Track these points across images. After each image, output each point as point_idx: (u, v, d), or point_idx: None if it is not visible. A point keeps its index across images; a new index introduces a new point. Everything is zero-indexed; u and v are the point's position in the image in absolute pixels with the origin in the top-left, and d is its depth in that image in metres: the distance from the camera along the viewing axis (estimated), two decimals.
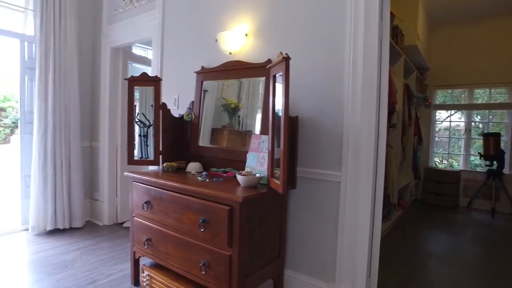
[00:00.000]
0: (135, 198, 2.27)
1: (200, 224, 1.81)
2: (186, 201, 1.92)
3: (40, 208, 3.33)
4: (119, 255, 2.91)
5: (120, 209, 3.80)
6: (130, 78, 2.44)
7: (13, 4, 3.42)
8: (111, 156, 3.71)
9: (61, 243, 3.15)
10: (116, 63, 3.71)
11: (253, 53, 2.39)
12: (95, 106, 3.84)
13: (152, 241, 2.17)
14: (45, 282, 2.42)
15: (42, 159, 3.30)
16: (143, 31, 3.27)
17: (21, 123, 3.48)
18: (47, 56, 3.31)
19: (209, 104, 2.60)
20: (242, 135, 2.41)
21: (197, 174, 2.25)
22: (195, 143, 2.56)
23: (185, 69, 2.83)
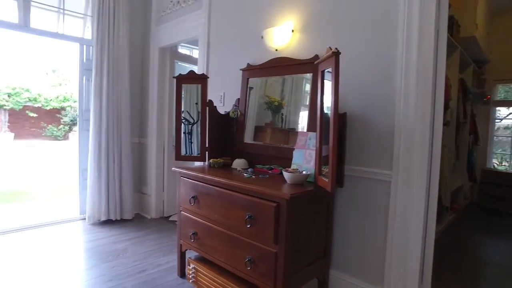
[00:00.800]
0: (183, 193, 2.34)
1: (246, 220, 1.82)
2: (233, 197, 1.94)
3: (95, 200, 3.56)
4: (166, 247, 3.02)
5: (167, 203, 3.95)
6: (178, 76, 2.52)
7: (74, 12, 3.70)
8: (158, 152, 3.87)
9: (113, 233, 3.35)
10: (164, 62, 3.85)
11: (299, 49, 2.35)
12: (144, 104, 4.02)
13: (198, 235, 2.23)
14: (101, 268, 2.58)
15: (97, 154, 3.53)
16: (189, 30, 3.36)
17: (79, 120, 3.74)
18: (102, 58, 3.53)
19: (253, 101, 2.61)
20: (285, 133, 2.40)
21: (243, 170, 2.27)
22: (240, 140, 2.58)
23: (231, 67, 2.87)
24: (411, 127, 1.83)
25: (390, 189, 1.92)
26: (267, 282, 1.77)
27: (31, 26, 3.32)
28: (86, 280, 2.40)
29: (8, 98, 13.48)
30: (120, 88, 3.63)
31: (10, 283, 2.32)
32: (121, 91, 3.64)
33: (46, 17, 3.57)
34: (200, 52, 3.18)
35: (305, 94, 2.35)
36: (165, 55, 3.86)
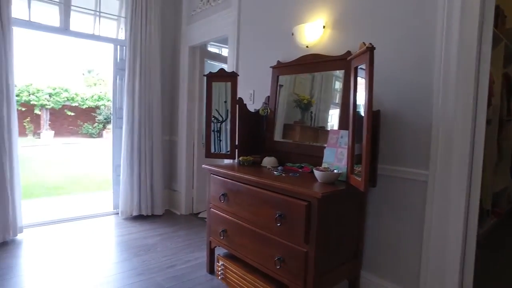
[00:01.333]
0: (212, 190, 2.35)
1: (276, 219, 1.80)
2: (263, 195, 1.93)
3: (127, 196, 3.67)
4: (195, 244, 3.06)
5: (196, 200, 4.01)
6: (209, 74, 2.53)
7: (109, 14, 3.83)
8: (188, 149, 3.93)
9: (144, 228, 3.44)
10: (194, 61, 3.91)
11: (331, 45, 2.30)
12: (174, 102, 4.10)
13: (228, 233, 2.23)
14: (133, 261, 2.66)
15: (129, 151, 3.64)
16: (219, 28, 3.38)
17: (113, 118, 3.87)
18: (134, 58, 3.63)
19: (283, 99, 2.59)
20: (314, 131, 2.37)
21: (273, 168, 2.25)
22: (270, 137, 2.57)
23: (260, 64, 2.85)
24: (450, 125, 1.73)
25: (427, 190, 1.83)
26: (297, 282, 1.74)
27: (70, 29, 3.47)
28: (119, 273, 2.47)
29: (49, 98, 14.25)
30: (152, 87, 3.72)
31: (50, 271, 2.44)
32: (153, 90, 3.73)
33: (84, 20, 3.73)
34: (230, 50, 3.20)
35: (334, 91, 2.30)
36: (195, 54, 3.91)
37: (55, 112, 14.70)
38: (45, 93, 14.18)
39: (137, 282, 2.34)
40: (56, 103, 14.44)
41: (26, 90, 13.64)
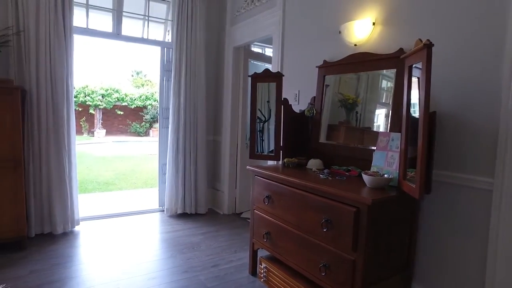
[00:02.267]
0: (256, 192, 2.34)
1: (322, 224, 1.75)
2: (308, 199, 1.88)
3: (172, 194, 3.79)
4: (238, 244, 3.08)
5: (239, 200, 4.04)
6: (254, 75, 2.53)
7: (157, 17, 3.98)
8: (232, 149, 3.97)
9: (188, 226, 3.52)
10: (238, 61, 3.93)
11: (381, 43, 2.18)
12: (219, 103, 4.16)
13: (271, 235, 2.21)
14: (178, 259, 2.73)
15: (175, 150, 3.75)
16: (263, 28, 3.36)
17: (160, 118, 4.01)
18: (180, 59, 3.73)
19: (327, 99, 2.51)
20: (360, 132, 2.28)
21: (318, 171, 2.19)
22: (315, 139, 2.50)
23: (306, 64, 2.79)
24: None
25: (492, 199, 1.66)
26: None
27: (122, 34, 3.65)
28: (165, 269, 2.55)
29: (102, 99, 15.20)
30: (197, 87, 3.80)
31: (103, 262, 2.58)
32: (198, 90, 3.81)
33: (134, 25, 3.91)
34: (274, 50, 3.17)
35: (381, 91, 2.20)
36: (239, 54, 3.93)
37: (107, 111, 15.65)
38: (99, 94, 15.14)
39: (182, 280, 2.39)
40: (108, 103, 15.36)
41: (82, 91, 14.66)
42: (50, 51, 3.01)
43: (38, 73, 2.97)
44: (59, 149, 3.09)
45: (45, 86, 2.99)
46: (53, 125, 3.06)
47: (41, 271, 2.45)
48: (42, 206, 3.07)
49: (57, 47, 3.04)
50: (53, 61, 3.03)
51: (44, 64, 2.99)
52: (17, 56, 2.94)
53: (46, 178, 3.06)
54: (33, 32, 2.94)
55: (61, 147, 3.10)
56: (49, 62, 3.02)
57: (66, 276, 2.40)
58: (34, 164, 3.00)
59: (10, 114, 2.65)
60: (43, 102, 2.99)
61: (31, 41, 2.94)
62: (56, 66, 3.05)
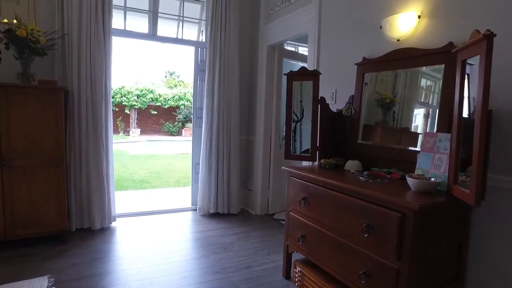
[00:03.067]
0: (292, 193, 2.28)
1: (363, 229, 1.65)
2: (348, 202, 1.79)
3: (205, 193, 3.80)
4: (270, 246, 3.02)
5: (272, 201, 3.98)
6: (290, 73, 2.46)
7: (191, 17, 4.01)
8: (265, 149, 3.92)
9: (220, 226, 3.52)
10: (272, 60, 3.88)
11: (427, 37, 2.04)
12: (252, 102, 4.12)
13: (307, 239, 2.13)
14: (210, 258, 2.72)
15: (208, 149, 3.76)
16: (298, 26, 3.29)
17: (193, 118, 4.05)
18: (214, 59, 3.74)
19: (366, 98, 2.41)
20: (397, 133, 2.18)
21: (357, 173, 2.09)
22: (354, 139, 2.40)
23: (343, 62, 2.69)
24: None
25: None
26: None
27: (158, 35, 3.72)
28: (198, 269, 2.55)
29: (137, 99, 15.72)
30: (230, 86, 3.80)
31: (138, 258, 2.62)
32: (231, 89, 3.80)
33: (169, 26, 3.97)
34: (310, 47, 3.08)
35: (420, 90, 2.08)
36: (273, 53, 3.88)
37: (141, 111, 16.16)
38: (134, 94, 15.67)
39: (214, 280, 2.38)
40: (142, 104, 15.86)
41: (119, 92, 15.24)
42: (91, 53, 3.12)
43: (79, 74, 3.09)
44: (98, 147, 3.19)
45: (85, 86, 3.10)
46: (92, 124, 3.16)
47: (81, 265, 2.53)
48: (82, 202, 3.18)
49: (97, 49, 3.14)
50: (93, 63, 3.13)
51: (85, 66, 3.09)
52: (61, 58, 3.06)
53: (86, 175, 3.17)
54: (75, 35, 3.06)
55: (99, 146, 3.20)
56: (89, 64, 3.12)
57: (104, 271, 2.46)
58: (74, 161, 3.12)
59: (54, 113, 2.76)
60: (84, 102, 3.10)
61: (74, 44, 3.05)
62: (96, 67, 3.15)
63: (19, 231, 2.73)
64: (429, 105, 2.03)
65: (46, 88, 2.75)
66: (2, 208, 2.66)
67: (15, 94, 2.65)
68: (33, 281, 2.27)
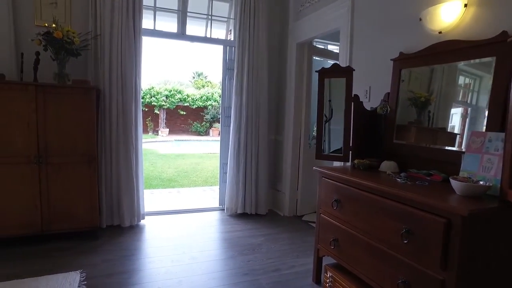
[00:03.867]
0: (323, 195, 2.18)
1: (402, 234, 1.54)
2: (385, 205, 1.67)
3: (233, 193, 3.77)
4: (299, 248, 2.94)
5: (300, 202, 3.89)
6: (321, 70, 2.37)
7: (220, 16, 4.00)
8: (294, 149, 3.83)
9: (248, 226, 3.47)
10: (301, 57, 3.78)
11: (475, 28, 1.88)
12: (281, 101, 4.04)
13: (339, 243, 2.03)
14: (238, 260, 2.67)
15: (236, 149, 3.72)
16: (329, 22, 3.18)
17: (221, 117, 4.03)
18: (243, 57, 3.70)
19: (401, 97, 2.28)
20: (433, 133, 2.07)
21: (394, 174, 1.96)
22: (389, 139, 2.27)
23: (378, 58, 2.56)
24: None
25: None
26: None
27: (186, 34, 3.73)
28: (226, 270, 2.51)
29: (166, 100, 16.07)
30: (259, 85, 3.74)
31: (166, 257, 2.62)
32: (260, 88, 3.75)
33: (197, 25, 3.98)
34: (342, 44, 2.96)
35: (458, 87, 1.96)
36: (303, 50, 3.78)
37: (170, 111, 16.49)
38: (163, 95, 16.02)
39: (243, 283, 2.33)
40: (171, 104, 16.18)
41: (148, 93, 15.63)
42: (121, 53, 3.17)
43: (110, 74, 3.14)
44: (127, 146, 3.24)
45: (116, 86, 3.15)
46: (122, 123, 3.21)
47: (111, 261, 2.56)
48: (112, 199, 3.24)
49: (127, 49, 3.18)
50: (123, 63, 3.18)
51: (116, 65, 3.15)
52: (94, 58, 3.13)
53: (116, 173, 3.22)
54: (107, 35, 3.11)
55: (129, 144, 3.24)
56: (120, 64, 3.17)
57: (133, 268, 2.48)
58: (105, 159, 3.18)
59: (87, 112, 2.82)
60: (114, 101, 3.15)
61: (105, 44, 3.11)
62: (126, 67, 3.19)
63: (54, 226, 2.81)
64: (468, 103, 1.92)
65: (79, 88, 2.81)
66: (40, 204, 2.75)
67: (52, 93, 2.73)
68: (66, 275, 2.32)
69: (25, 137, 2.67)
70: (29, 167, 2.69)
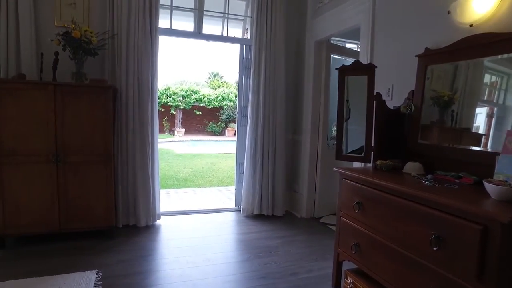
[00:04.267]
0: (344, 197, 2.09)
1: (431, 241, 1.43)
2: (411, 209, 1.57)
3: (249, 193, 3.71)
4: (317, 252, 2.85)
5: (318, 204, 3.79)
6: (342, 67, 2.28)
7: (236, 14, 3.95)
8: (312, 149, 3.74)
9: (265, 228, 3.40)
10: (320, 55, 3.69)
11: (510, 19, 1.75)
12: (299, 100, 3.95)
13: (361, 247, 1.94)
14: (255, 262, 2.61)
15: (253, 148, 3.66)
16: (349, 18, 3.08)
17: (238, 116, 3.98)
18: (260, 55, 3.63)
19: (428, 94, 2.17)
20: (456, 134, 1.99)
21: (419, 176, 1.86)
22: (413, 139, 2.16)
23: (401, 55, 2.45)
24: None
25: None
26: None
27: (203, 33, 3.70)
28: (241, 273, 2.45)
29: (182, 100, 16.19)
30: (276, 84, 3.67)
31: (181, 258, 2.58)
32: (277, 87, 3.68)
33: (213, 24, 3.94)
34: (363, 40, 2.86)
35: (484, 85, 1.86)
36: (321, 48, 3.69)
37: (186, 112, 16.60)
38: (179, 95, 16.15)
39: (258, 286, 2.27)
40: (187, 104, 16.29)
41: (165, 93, 15.78)
42: (138, 52, 3.16)
43: (127, 73, 3.14)
44: (144, 146, 3.22)
45: (132, 85, 3.15)
46: (139, 123, 3.20)
47: (127, 261, 2.54)
48: (128, 199, 3.23)
49: (144, 48, 3.17)
50: (140, 62, 3.17)
51: (132, 65, 3.14)
52: (111, 57, 3.13)
53: (132, 172, 3.21)
54: (124, 34, 3.11)
55: (145, 144, 3.23)
56: (136, 63, 3.16)
57: (148, 269, 2.45)
58: (121, 159, 3.17)
59: (103, 111, 2.82)
60: (131, 100, 3.15)
61: (123, 43, 3.11)
62: (143, 66, 3.18)
63: (72, 224, 2.83)
64: (494, 103, 1.83)
65: (96, 87, 2.81)
66: (57, 202, 2.76)
67: (69, 92, 2.74)
68: (83, 274, 2.32)
69: (44, 136, 2.69)
70: (47, 166, 2.71)
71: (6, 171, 2.63)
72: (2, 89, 2.60)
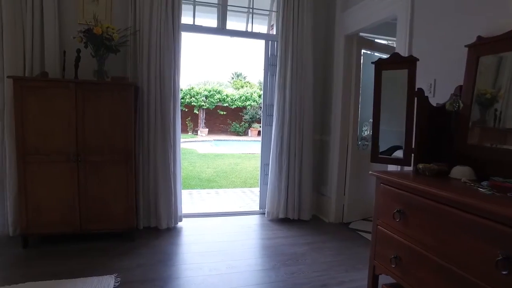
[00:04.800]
0: (382, 204, 1.88)
1: (498, 263, 1.21)
2: (468, 222, 1.35)
3: (274, 197, 3.53)
4: (348, 261, 2.63)
5: (347, 209, 3.56)
6: (378, 61, 2.07)
7: (261, 9, 3.80)
8: (341, 150, 3.52)
9: (291, 233, 3.21)
10: (350, 50, 3.46)
11: None
12: (327, 97, 3.74)
13: (402, 261, 1.72)
14: (281, 271, 2.44)
15: (278, 149, 3.49)
16: (382, 9, 2.85)
17: (263, 115, 3.81)
18: (286, 51, 3.46)
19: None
20: (501, 134, 1.76)
21: (472, 182, 1.62)
22: (462, 140, 1.91)
23: (446, 46, 2.21)
24: None
25: None
26: None
27: (227, 28, 3.56)
28: (268, 283, 2.28)
29: (205, 100, 16.24)
30: (303, 80, 3.48)
31: (203, 264, 2.45)
32: (304, 84, 3.49)
33: (238, 19, 3.80)
34: (399, 32, 2.62)
35: None
36: (352, 43, 3.46)
37: (209, 112, 16.65)
38: (203, 95, 16.21)
39: None
40: (210, 104, 16.33)
41: (188, 93, 15.89)
42: (160, 48, 3.06)
43: (149, 71, 3.05)
44: (165, 146, 3.12)
45: (154, 83, 3.05)
46: (160, 122, 3.10)
47: (146, 266, 2.44)
48: (149, 200, 3.14)
49: (166, 45, 3.07)
50: (162, 59, 3.07)
51: (154, 62, 3.05)
52: (132, 54, 3.06)
53: (153, 173, 3.12)
54: (146, 31, 3.02)
55: (167, 144, 3.13)
56: (158, 60, 3.07)
57: (169, 275, 2.33)
58: (143, 158, 3.09)
59: (125, 109, 2.73)
60: (153, 98, 3.05)
61: (144, 40, 3.02)
62: (165, 64, 3.08)
63: (92, 225, 2.76)
64: None
65: (117, 84, 2.74)
66: (78, 202, 2.70)
67: (90, 90, 2.67)
68: (101, 279, 2.24)
69: (65, 134, 2.63)
70: (68, 165, 2.65)
71: (29, 170, 2.60)
72: (25, 87, 2.57)
